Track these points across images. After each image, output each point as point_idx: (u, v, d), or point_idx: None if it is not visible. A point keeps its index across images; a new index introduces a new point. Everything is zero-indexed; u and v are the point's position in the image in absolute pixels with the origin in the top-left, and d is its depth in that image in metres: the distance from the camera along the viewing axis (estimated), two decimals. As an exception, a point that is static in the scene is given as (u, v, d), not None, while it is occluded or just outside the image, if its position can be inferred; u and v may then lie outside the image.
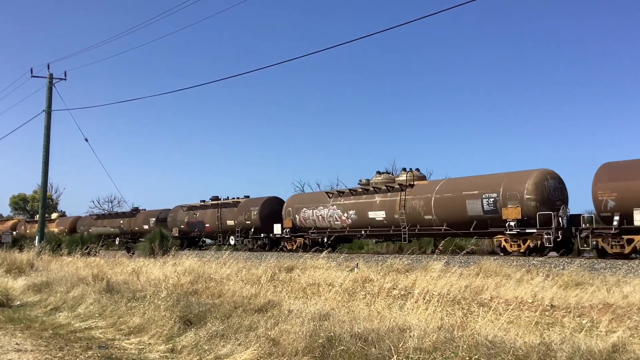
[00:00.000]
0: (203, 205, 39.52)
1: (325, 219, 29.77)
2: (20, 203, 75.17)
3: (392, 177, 28.22)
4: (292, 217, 31.63)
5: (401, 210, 25.59)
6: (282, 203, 34.33)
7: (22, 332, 9.65)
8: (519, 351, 5.94)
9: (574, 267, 14.50)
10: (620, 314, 9.64)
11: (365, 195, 28.13)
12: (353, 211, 28.20)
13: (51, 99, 32.23)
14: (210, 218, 38.07)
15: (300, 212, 31.18)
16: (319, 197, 31.29)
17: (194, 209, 40.10)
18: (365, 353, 6.48)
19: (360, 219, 27.80)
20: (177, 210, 41.73)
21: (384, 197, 26.97)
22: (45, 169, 31.93)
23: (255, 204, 34.96)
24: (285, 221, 32.00)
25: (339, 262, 18.81)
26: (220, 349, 7.33)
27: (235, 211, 35.86)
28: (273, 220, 32.99)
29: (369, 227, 27.33)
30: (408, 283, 13.10)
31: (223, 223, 36.62)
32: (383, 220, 26.75)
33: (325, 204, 29.99)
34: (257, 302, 10.46)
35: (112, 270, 17.17)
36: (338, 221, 29.05)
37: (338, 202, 29.30)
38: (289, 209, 32.17)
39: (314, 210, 30.44)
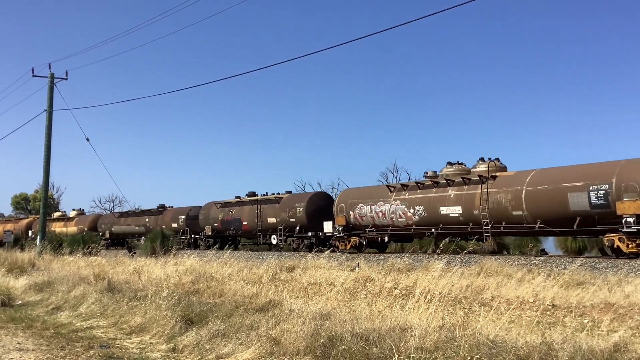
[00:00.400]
0: (240, 202, 36.40)
1: (386, 215, 26.51)
2: (22, 203, 75.21)
3: (465, 168, 24.97)
4: (345, 214, 28.48)
5: (482, 205, 22.53)
6: (329, 199, 32.45)
7: (23, 331, 9.66)
8: (520, 351, 5.94)
9: (575, 267, 14.48)
10: (621, 313, 9.62)
11: (436, 188, 24.89)
12: (421, 207, 25.14)
13: (52, 99, 32.24)
14: (248, 215, 34.99)
15: (356, 208, 27.95)
16: (378, 192, 28.02)
17: (229, 206, 36.94)
18: (366, 352, 6.48)
19: (430, 215, 24.75)
20: (209, 207, 38.73)
21: (459, 191, 23.87)
22: (46, 168, 31.95)
23: (301, 199, 32.11)
24: (338, 218, 28.82)
25: (340, 262, 18.82)
26: (222, 349, 7.34)
27: (278, 208, 32.86)
28: (320, 218, 30.17)
29: (441, 225, 24.33)
30: (409, 282, 13.10)
31: (263, 221, 33.58)
32: (459, 216, 23.69)
33: (386, 199, 26.71)
34: (259, 301, 10.47)
35: (114, 270, 17.18)
36: (402, 218, 25.86)
37: (402, 197, 26.10)
38: (342, 205, 28.95)
39: (372, 206, 27.16)
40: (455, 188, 24.17)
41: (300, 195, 33.45)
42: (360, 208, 27.88)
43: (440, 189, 24.75)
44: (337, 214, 29.13)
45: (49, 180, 33.32)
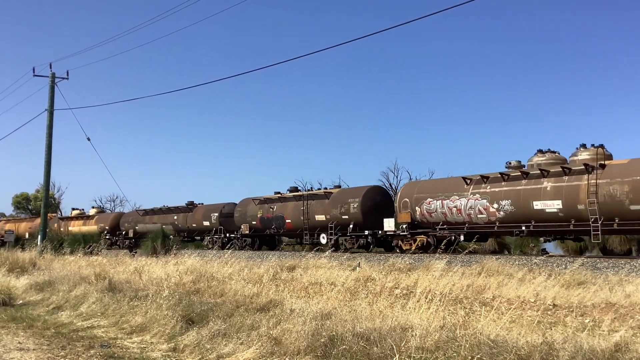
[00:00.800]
0: (282, 198, 33.04)
1: (462, 211, 23.40)
2: (23, 202, 75.21)
3: (560, 156, 22.03)
4: (410, 210, 25.34)
5: (590, 198, 19.58)
6: (385, 194, 29.52)
7: (24, 331, 9.66)
8: (521, 350, 5.93)
9: (576, 267, 14.48)
10: (622, 313, 9.62)
11: (526, 180, 21.69)
12: (507, 201, 21.94)
13: (53, 98, 32.27)
14: (292, 212, 31.57)
15: (423, 204, 24.84)
16: (451, 184, 24.65)
17: (269, 202, 33.55)
18: (367, 352, 6.48)
19: (519, 210, 21.60)
20: (246, 204, 35.26)
21: (557, 182, 20.79)
22: (47, 168, 31.98)
23: (355, 194, 28.70)
24: (401, 215, 25.67)
25: (340, 262, 18.81)
26: (223, 348, 7.34)
27: (327, 204, 29.53)
28: (377, 214, 27.26)
29: (533, 222, 21.33)
30: (410, 282, 13.10)
31: (310, 218, 30.24)
32: (558, 212, 20.61)
33: (462, 193, 23.62)
34: (259, 301, 10.47)
35: (115, 270, 17.19)
36: (483, 214, 22.72)
37: (482, 190, 22.87)
38: (406, 200, 25.73)
39: (445, 200, 24.04)
40: (552, 179, 21.03)
41: (354, 190, 29.98)
42: (429, 203, 24.69)
43: (531, 181, 21.55)
44: (400, 209, 25.88)
45: (49, 180, 33.38)
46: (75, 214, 52.81)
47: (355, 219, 27.97)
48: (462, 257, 16.92)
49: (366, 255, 24.44)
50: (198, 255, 19.77)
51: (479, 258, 19.19)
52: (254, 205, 34.41)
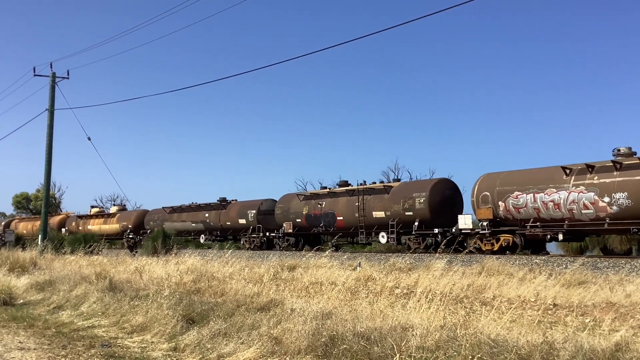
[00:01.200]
0: (332, 193, 30.23)
1: (561, 206, 20.41)
2: (23, 202, 75.24)
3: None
4: (491, 205, 22.40)
5: None
6: (454, 188, 26.35)
7: (25, 330, 9.66)
8: (521, 350, 5.94)
9: (576, 266, 14.49)
10: (623, 312, 9.62)
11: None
12: (623, 194, 18.93)
13: (54, 98, 32.29)
14: (344, 209, 28.70)
15: (509, 198, 21.88)
16: (544, 175, 21.48)
17: (317, 198, 30.68)
18: (367, 352, 6.48)
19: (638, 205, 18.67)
20: (289, 200, 32.47)
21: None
22: (48, 167, 31.98)
23: (421, 188, 25.98)
24: (480, 211, 22.75)
25: (341, 261, 18.82)
26: (223, 348, 7.34)
27: (387, 199, 26.72)
28: (446, 210, 24.82)
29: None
30: (410, 282, 13.10)
31: (367, 215, 27.34)
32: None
33: (560, 185, 20.64)
34: (260, 300, 10.47)
35: (115, 269, 17.20)
36: (589, 209, 19.74)
37: (588, 181, 19.93)
38: (485, 194, 22.72)
39: (538, 194, 21.06)
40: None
41: (419, 183, 27.29)
42: (517, 197, 21.65)
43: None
44: (479, 204, 22.87)
45: (50, 180, 33.39)
46: (95, 211, 50.22)
47: (421, 216, 25.18)
48: (462, 257, 16.92)
49: (366, 254, 24.44)
50: (198, 255, 19.77)
51: (479, 258, 19.20)
52: (298, 202, 31.58)
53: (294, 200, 32.02)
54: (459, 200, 25.82)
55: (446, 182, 26.63)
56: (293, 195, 32.71)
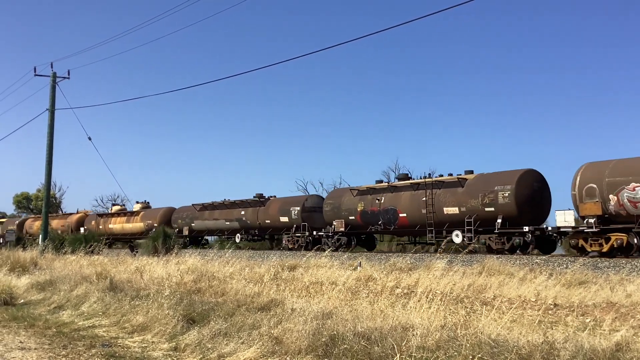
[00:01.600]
0: (393, 186, 27.07)
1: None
2: (24, 202, 75.32)
3: None
4: (599, 199, 19.50)
5: None
6: (542, 180, 23.31)
7: (25, 330, 9.67)
8: (522, 350, 5.94)
9: (577, 266, 14.49)
10: (623, 312, 9.62)
11: None
12: None
13: (54, 98, 32.33)
14: (408, 204, 25.71)
15: (623, 190, 18.89)
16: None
17: (375, 192, 27.59)
18: (368, 352, 6.48)
19: None
20: (340, 195, 29.59)
21: None
22: (48, 167, 32.01)
23: (505, 180, 22.85)
24: (585, 206, 19.82)
25: (342, 261, 18.82)
26: (224, 348, 7.34)
27: (462, 193, 23.66)
28: (535, 205, 22.39)
29: None
30: (411, 282, 13.10)
31: (437, 211, 24.37)
32: None
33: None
34: (260, 300, 10.47)
35: (116, 269, 17.20)
36: None
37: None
38: (591, 186, 19.69)
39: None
40: None
41: (501, 175, 23.64)
42: (634, 189, 18.65)
43: None
44: (582, 198, 19.99)
45: (51, 179, 33.42)
46: (116, 209, 47.61)
47: (506, 212, 22.20)
48: (462, 257, 16.92)
49: (367, 254, 24.42)
50: (199, 255, 19.78)
51: (480, 257, 19.19)
52: (351, 197, 28.45)
53: (346, 195, 28.95)
54: (547, 195, 23.12)
55: (534, 173, 23.43)
56: (345, 190, 30.11)
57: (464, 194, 23.72)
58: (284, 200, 33.38)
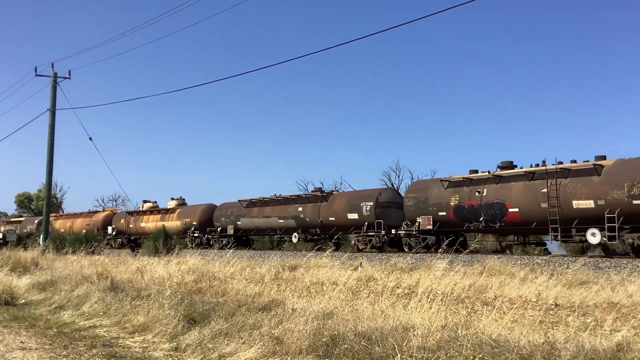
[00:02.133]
0: (497, 176, 22.53)
1: None
2: (25, 202, 75.44)
3: None
4: None
5: None
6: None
7: (26, 330, 9.68)
8: (523, 350, 5.93)
9: (578, 266, 14.48)
10: (624, 313, 9.61)
11: None
12: None
13: (55, 98, 32.36)
14: (521, 197, 21.49)
15: None
16: None
17: (473, 183, 23.14)
18: (369, 352, 6.48)
19: None
20: (427, 187, 25.33)
21: None
22: (49, 167, 32.03)
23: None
24: None
25: (342, 261, 18.82)
26: (224, 348, 7.35)
27: (599, 182, 19.38)
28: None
29: None
30: (412, 282, 13.10)
31: (563, 205, 20.07)
32: None
33: None
34: (261, 300, 10.48)
35: (117, 269, 17.22)
36: None
37: None
38: None
39: None
40: None
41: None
42: None
43: None
44: None
45: (52, 179, 33.43)
46: (148, 207, 43.30)
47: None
48: (463, 257, 16.91)
49: (367, 254, 24.40)
50: (199, 255, 19.79)
51: (481, 258, 19.18)
52: (441, 189, 24.29)
53: (435, 187, 24.70)
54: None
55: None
56: (432, 182, 25.70)
57: (601, 183, 19.25)
58: (353, 195, 29.65)
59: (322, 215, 29.78)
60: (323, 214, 29.76)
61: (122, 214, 45.57)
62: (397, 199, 28.13)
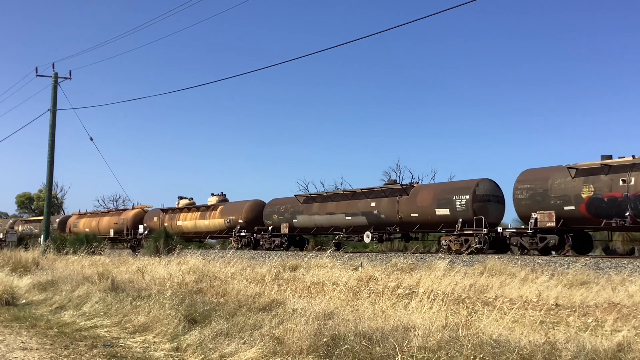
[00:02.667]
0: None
1: None
2: (26, 202, 75.52)
3: None
4: None
5: None
6: None
7: (27, 330, 9.68)
8: (523, 350, 5.94)
9: (578, 266, 14.49)
10: (625, 313, 9.62)
11: None
12: None
13: (56, 98, 32.39)
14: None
15: None
16: None
17: (613, 171, 19.52)
18: (369, 352, 6.48)
19: None
20: (548, 176, 21.32)
21: None
22: (50, 168, 32.06)
23: None
24: None
25: (343, 261, 18.82)
26: (225, 348, 7.35)
27: None
28: None
29: None
30: (412, 282, 13.11)
31: None
32: None
33: None
34: (262, 301, 10.49)
35: (117, 269, 17.24)
36: None
37: None
38: None
39: None
40: None
41: None
42: None
43: None
44: None
45: (52, 180, 33.47)
46: (185, 204, 39.38)
47: None
48: (464, 257, 16.92)
49: (369, 254, 24.39)
50: (200, 255, 19.80)
51: (482, 258, 19.19)
52: (566, 178, 20.45)
53: (558, 176, 20.75)
54: None
55: None
56: (555, 170, 21.35)
57: None
58: (442, 187, 25.67)
59: (402, 210, 25.56)
60: (403, 210, 25.55)
61: (154, 212, 41.48)
62: (497, 191, 24.27)
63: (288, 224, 31.06)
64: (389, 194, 26.70)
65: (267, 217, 32.79)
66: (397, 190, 26.62)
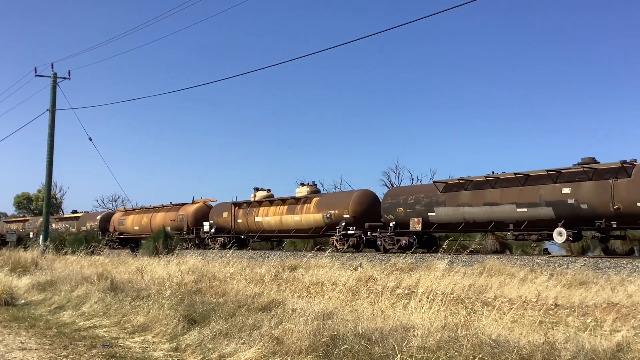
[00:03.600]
0: None
1: None
2: (25, 202, 75.42)
3: None
4: None
5: None
6: None
7: (26, 330, 9.68)
8: (523, 350, 5.94)
9: (578, 266, 14.49)
10: (624, 313, 9.62)
11: None
12: None
13: (55, 98, 32.35)
14: None
15: None
16: None
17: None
18: (369, 352, 6.48)
19: None
20: None
21: None
22: (49, 168, 32.03)
23: None
24: None
25: (342, 261, 18.82)
26: (224, 348, 7.35)
27: None
28: None
29: None
30: (412, 282, 13.11)
31: None
32: None
33: None
34: (261, 301, 10.48)
35: (116, 269, 17.23)
36: None
37: None
38: None
39: None
40: None
41: None
42: None
43: None
44: None
45: (51, 180, 33.44)
46: (263, 196, 32.38)
47: None
48: (463, 257, 16.91)
49: (368, 255, 24.38)
50: (200, 255, 19.80)
51: (481, 258, 19.18)
52: None
53: None
54: None
55: None
56: None
57: None
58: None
59: (621, 198, 18.25)
60: (623, 197, 18.20)
61: (222, 206, 34.63)
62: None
63: (421, 218, 23.79)
64: (595, 175, 19.16)
65: (387, 211, 25.32)
66: (609, 170, 19.03)
